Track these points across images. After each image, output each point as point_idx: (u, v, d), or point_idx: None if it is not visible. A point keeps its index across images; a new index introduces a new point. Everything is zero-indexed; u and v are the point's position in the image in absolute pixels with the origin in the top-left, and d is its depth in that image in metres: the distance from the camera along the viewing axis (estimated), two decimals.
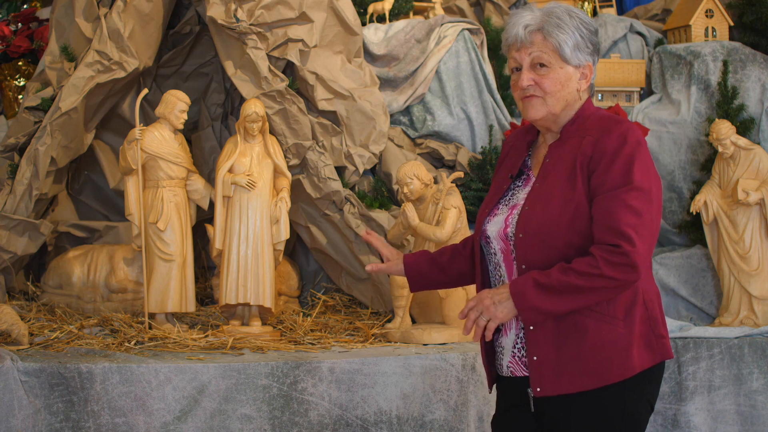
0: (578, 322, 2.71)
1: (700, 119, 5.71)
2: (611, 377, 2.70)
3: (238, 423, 4.03)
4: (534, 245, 2.75)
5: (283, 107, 5.26)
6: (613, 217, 2.65)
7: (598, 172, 2.71)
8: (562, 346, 2.72)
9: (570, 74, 2.82)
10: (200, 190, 4.89)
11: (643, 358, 2.73)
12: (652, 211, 2.69)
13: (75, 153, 5.46)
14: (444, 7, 6.47)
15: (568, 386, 2.73)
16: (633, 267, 2.63)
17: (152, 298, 4.72)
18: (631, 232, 2.62)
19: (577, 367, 2.71)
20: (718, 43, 5.85)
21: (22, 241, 5.20)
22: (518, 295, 2.69)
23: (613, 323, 2.71)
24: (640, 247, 2.63)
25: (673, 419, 4.74)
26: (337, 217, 5.32)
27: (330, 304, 5.46)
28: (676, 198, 5.72)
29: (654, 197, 2.70)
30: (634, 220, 2.64)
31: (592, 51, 2.84)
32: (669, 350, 2.79)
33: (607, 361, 2.70)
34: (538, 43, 2.80)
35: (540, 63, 2.80)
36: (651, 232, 2.69)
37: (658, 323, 2.77)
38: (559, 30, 2.78)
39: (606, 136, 2.74)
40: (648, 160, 2.73)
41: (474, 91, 5.84)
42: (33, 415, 3.87)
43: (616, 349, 2.70)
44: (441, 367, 4.28)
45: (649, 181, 2.69)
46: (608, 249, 2.63)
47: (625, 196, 2.66)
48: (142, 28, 5.42)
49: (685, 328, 4.93)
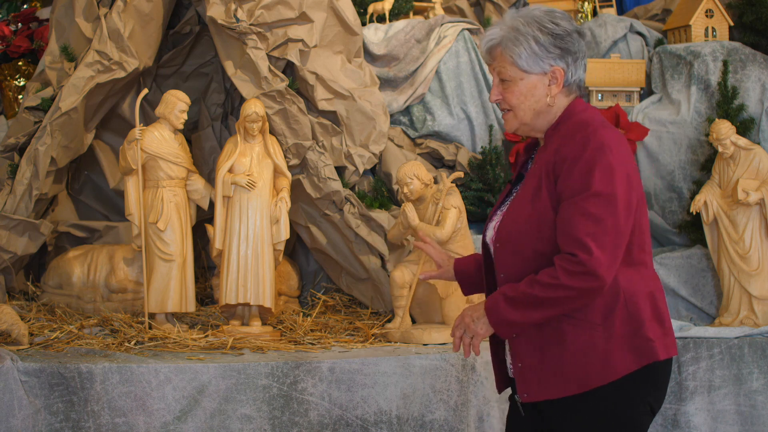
0: (557, 328, 2.73)
1: (700, 119, 5.71)
2: (592, 382, 2.71)
3: (238, 423, 4.03)
4: (507, 254, 2.80)
5: (283, 107, 5.26)
6: (571, 225, 2.66)
7: (561, 179, 2.71)
8: (545, 353, 2.75)
9: (533, 83, 2.81)
10: (200, 190, 4.89)
11: (627, 361, 2.71)
12: (617, 215, 2.66)
13: (75, 153, 5.46)
14: (444, 7, 6.47)
15: (552, 392, 2.75)
16: (592, 275, 2.62)
17: (152, 298, 4.72)
18: (587, 240, 2.62)
19: (559, 373, 2.73)
20: (718, 43, 5.85)
21: (22, 241, 5.20)
22: (491, 311, 2.75)
23: (591, 328, 2.72)
24: (598, 254, 2.61)
25: (673, 419, 4.74)
26: (337, 217, 5.32)
27: (330, 304, 5.46)
28: (676, 198, 5.72)
29: (620, 201, 2.66)
30: (593, 227, 2.63)
31: (561, 54, 2.80)
32: (657, 352, 2.73)
33: (586, 366, 2.71)
34: (498, 58, 2.83)
35: (502, 78, 2.83)
36: (614, 237, 2.66)
37: (643, 325, 2.73)
38: (514, 42, 2.79)
39: (568, 142, 2.74)
40: (611, 164, 2.68)
41: (474, 91, 5.84)
42: (33, 415, 3.87)
43: (596, 354, 2.71)
44: (441, 367, 4.28)
45: (611, 186, 2.66)
46: (566, 258, 2.65)
47: (584, 203, 2.65)
48: (142, 28, 5.42)
49: (685, 328, 4.93)
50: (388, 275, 5.09)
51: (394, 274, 4.82)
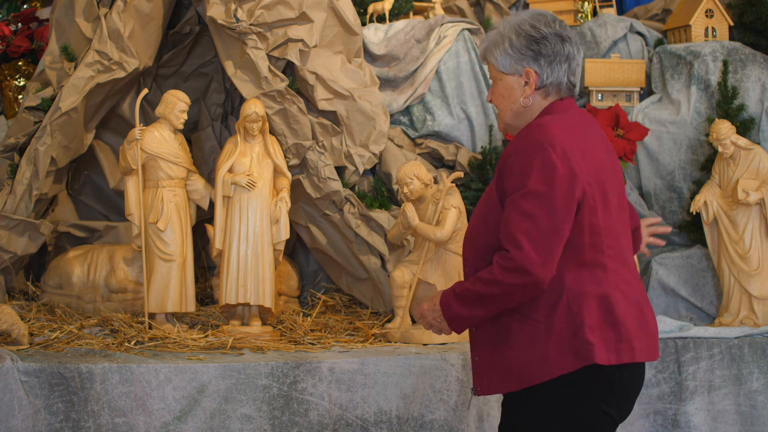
0: (504, 324, 2.79)
1: (700, 119, 5.71)
2: (530, 379, 2.73)
3: (238, 423, 4.03)
4: (468, 250, 2.90)
5: (283, 107, 5.26)
6: (506, 222, 2.72)
7: (504, 176, 2.79)
8: (494, 348, 2.80)
9: (510, 84, 2.89)
10: (200, 190, 4.89)
11: (563, 361, 2.71)
12: (551, 212, 2.68)
13: (75, 153, 5.46)
14: (444, 7, 6.47)
15: (497, 387, 2.81)
16: (523, 271, 2.65)
17: (152, 298, 4.72)
18: (519, 236, 2.67)
19: (503, 369, 2.78)
20: (718, 43, 5.84)
21: (22, 241, 5.20)
22: (444, 306, 2.84)
23: (534, 325, 2.75)
24: (529, 251, 2.65)
25: (673, 419, 4.74)
26: (337, 217, 5.32)
27: (330, 304, 5.46)
28: (676, 198, 5.72)
29: (557, 199, 2.68)
30: (526, 224, 2.67)
31: (533, 56, 2.84)
32: (593, 355, 2.70)
33: (526, 363, 2.74)
34: (487, 61, 2.95)
35: (490, 79, 2.99)
36: (548, 236, 2.67)
37: (583, 327, 2.71)
38: (494, 44, 2.90)
39: (515, 141, 2.82)
40: (556, 161, 2.70)
41: (474, 91, 5.84)
42: (33, 415, 3.87)
43: (534, 351, 2.74)
44: (441, 367, 4.28)
45: (548, 184, 2.68)
46: (502, 254, 2.71)
47: (519, 201, 2.71)
48: (142, 28, 5.42)
49: (685, 328, 4.93)
50: (388, 275, 5.09)
51: (394, 274, 4.82)
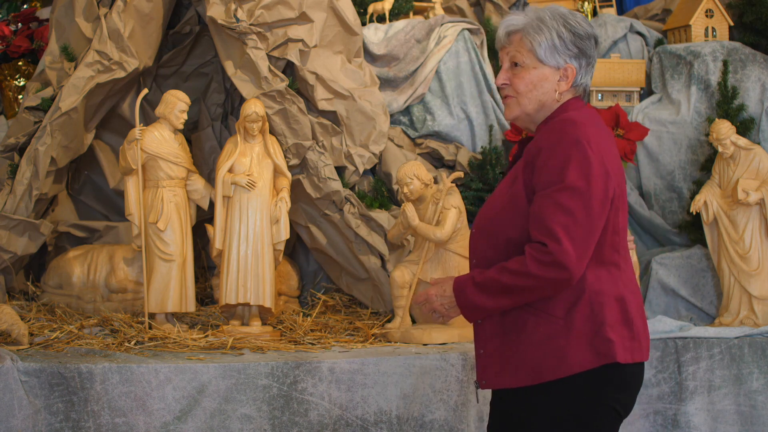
0: (519, 317, 2.76)
1: (700, 119, 5.71)
2: (546, 375, 2.72)
3: (238, 423, 4.03)
4: (480, 240, 2.85)
5: (283, 107, 5.26)
6: (543, 216, 2.68)
7: (536, 170, 2.75)
8: (505, 341, 2.78)
9: (545, 75, 2.85)
10: (200, 190, 4.89)
11: (583, 358, 2.71)
12: (589, 209, 2.68)
13: (75, 153, 5.46)
14: (444, 7, 6.47)
15: (508, 381, 2.78)
16: (560, 266, 2.64)
17: (152, 298, 4.72)
18: (559, 230, 2.65)
19: (515, 363, 2.76)
20: (718, 43, 5.85)
21: (22, 241, 5.20)
22: (459, 293, 2.78)
23: (551, 321, 2.74)
24: (568, 247, 2.64)
25: (673, 419, 4.74)
26: (337, 217, 5.32)
27: (330, 304, 5.46)
28: (676, 198, 5.72)
29: (594, 197, 2.68)
30: (565, 218, 2.66)
31: (577, 54, 2.84)
32: (614, 353, 2.72)
33: (542, 358, 2.73)
34: (516, 43, 2.86)
35: (515, 62, 2.86)
36: (585, 231, 2.67)
37: (604, 325, 2.72)
38: (537, 31, 2.83)
39: (547, 135, 2.78)
40: (587, 159, 2.70)
41: (474, 91, 5.84)
42: (33, 415, 3.87)
43: (553, 347, 2.72)
44: (441, 367, 4.28)
45: (586, 181, 2.68)
46: (536, 247, 2.67)
47: (557, 195, 2.68)
48: (142, 28, 5.42)
49: (685, 328, 4.93)
50: (388, 275, 5.09)
51: (394, 274, 4.82)
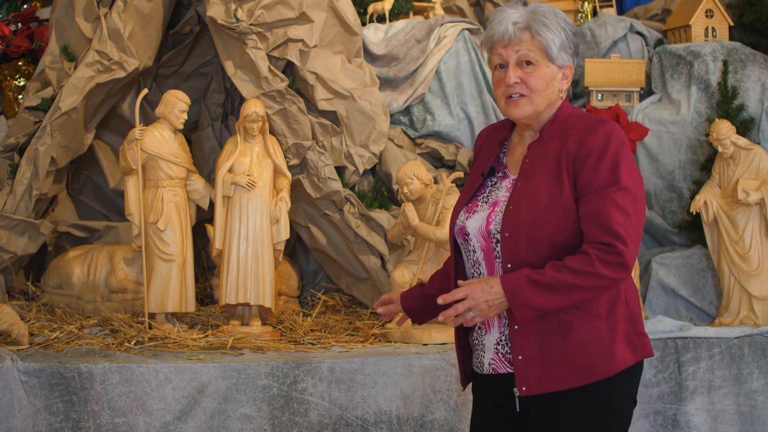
0: (562, 319, 2.74)
1: (700, 119, 5.71)
2: (595, 374, 2.72)
3: (238, 423, 4.03)
4: (520, 244, 2.76)
5: (283, 107, 5.26)
6: (605, 216, 2.69)
7: (585, 172, 2.73)
8: (546, 345, 2.74)
9: (554, 73, 2.85)
10: (200, 190, 4.89)
11: (626, 355, 2.76)
12: (639, 210, 2.74)
13: (75, 153, 5.46)
14: (444, 7, 6.47)
15: (553, 384, 2.74)
16: (625, 266, 2.68)
17: (152, 298, 4.72)
18: (622, 231, 2.67)
19: (561, 365, 2.73)
20: (718, 43, 5.84)
21: (22, 241, 5.20)
22: (513, 292, 2.70)
23: (597, 321, 2.74)
24: (631, 247, 2.68)
25: (673, 419, 4.74)
26: (337, 217, 5.32)
27: (330, 304, 5.46)
28: (676, 198, 5.72)
29: (639, 197, 2.75)
30: (624, 219, 2.68)
31: (574, 52, 2.88)
32: (649, 348, 2.82)
33: (591, 359, 2.72)
34: (526, 41, 2.82)
35: (527, 61, 2.83)
36: (638, 231, 2.74)
37: (638, 321, 2.81)
38: (547, 29, 2.81)
39: (591, 135, 2.77)
40: (631, 159, 2.78)
41: (474, 91, 5.84)
42: (33, 415, 3.87)
43: (600, 347, 2.73)
44: (441, 367, 4.28)
45: (634, 181, 2.74)
46: (602, 248, 2.67)
47: (615, 196, 2.70)
48: (142, 28, 5.42)
49: (685, 328, 4.93)
50: (388, 275, 5.09)
51: (394, 274, 4.82)
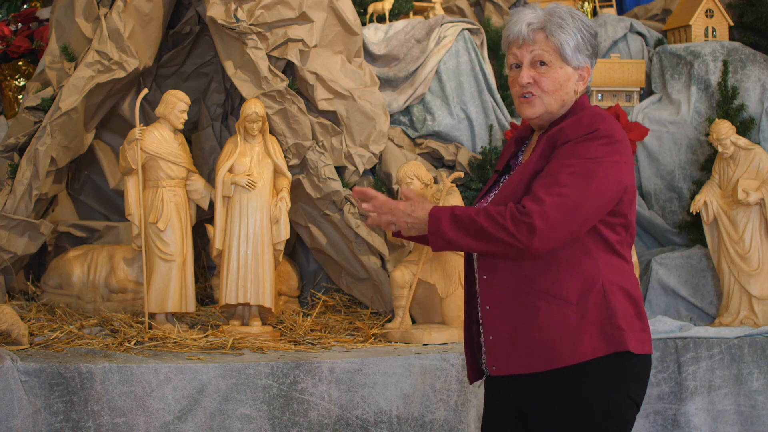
0: (530, 302, 2.75)
1: (700, 119, 5.71)
2: (559, 360, 2.72)
3: (238, 423, 4.03)
4: None
5: (283, 107, 5.26)
6: (542, 186, 2.70)
7: (558, 150, 2.75)
8: (515, 327, 2.76)
9: (569, 75, 2.85)
10: (200, 190, 4.90)
11: (596, 345, 2.72)
12: (582, 199, 2.68)
13: (75, 153, 5.46)
14: (444, 7, 6.47)
15: (520, 366, 2.76)
16: (532, 229, 2.64)
17: (152, 298, 4.72)
18: (546, 198, 2.66)
19: (527, 348, 2.74)
20: (718, 43, 5.85)
21: (22, 241, 5.20)
22: (434, 220, 2.75)
23: (566, 307, 2.73)
24: (551, 215, 2.64)
25: (673, 419, 4.74)
26: (337, 217, 5.32)
27: (330, 304, 5.46)
28: (676, 198, 5.72)
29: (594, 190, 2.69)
30: (557, 190, 2.67)
31: (591, 54, 2.88)
32: (626, 342, 2.74)
33: (555, 344, 2.72)
34: (540, 42, 2.84)
35: (540, 61, 2.84)
36: (567, 216, 2.67)
37: (616, 314, 2.74)
38: (562, 30, 2.82)
39: (575, 124, 2.77)
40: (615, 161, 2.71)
41: (474, 91, 5.84)
42: (33, 415, 3.87)
43: (565, 333, 2.72)
44: (441, 367, 4.28)
45: (595, 172, 2.69)
46: (519, 208, 2.68)
47: (560, 170, 2.69)
48: (142, 28, 5.42)
49: (685, 328, 4.93)
50: (388, 275, 5.09)
51: (394, 274, 4.82)
